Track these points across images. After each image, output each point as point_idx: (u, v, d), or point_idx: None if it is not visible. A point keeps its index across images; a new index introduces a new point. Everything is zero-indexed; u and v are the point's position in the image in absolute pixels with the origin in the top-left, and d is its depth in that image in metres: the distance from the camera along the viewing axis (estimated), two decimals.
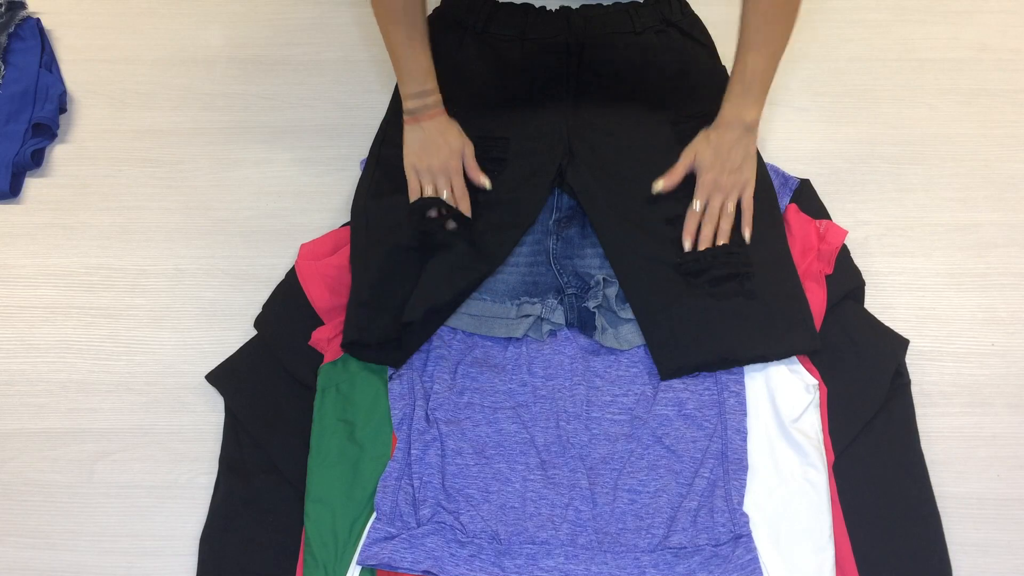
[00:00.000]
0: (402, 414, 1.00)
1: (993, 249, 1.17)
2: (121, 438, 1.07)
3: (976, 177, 1.22)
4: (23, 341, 1.14)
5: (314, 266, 1.08)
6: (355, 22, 1.39)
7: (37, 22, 1.36)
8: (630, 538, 0.93)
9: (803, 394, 0.99)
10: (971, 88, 1.30)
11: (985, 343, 1.10)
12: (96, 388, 1.10)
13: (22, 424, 1.08)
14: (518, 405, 1.00)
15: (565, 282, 1.06)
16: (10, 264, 1.19)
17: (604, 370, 1.02)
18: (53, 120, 1.28)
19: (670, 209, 1.07)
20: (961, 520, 0.99)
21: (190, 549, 0.99)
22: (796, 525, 0.93)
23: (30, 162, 1.25)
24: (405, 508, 0.95)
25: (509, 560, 0.91)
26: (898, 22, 1.37)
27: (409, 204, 1.07)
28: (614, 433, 0.99)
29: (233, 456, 1.02)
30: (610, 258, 1.05)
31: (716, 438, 0.97)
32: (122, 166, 1.27)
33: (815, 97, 1.30)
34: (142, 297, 1.16)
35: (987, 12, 1.37)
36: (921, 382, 1.06)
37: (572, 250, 1.09)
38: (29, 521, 1.02)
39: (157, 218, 1.22)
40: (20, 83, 1.29)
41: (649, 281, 1.03)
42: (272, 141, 1.28)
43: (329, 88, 1.33)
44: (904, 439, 1.00)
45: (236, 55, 1.36)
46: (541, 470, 0.97)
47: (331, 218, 1.20)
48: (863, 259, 1.12)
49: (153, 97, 1.33)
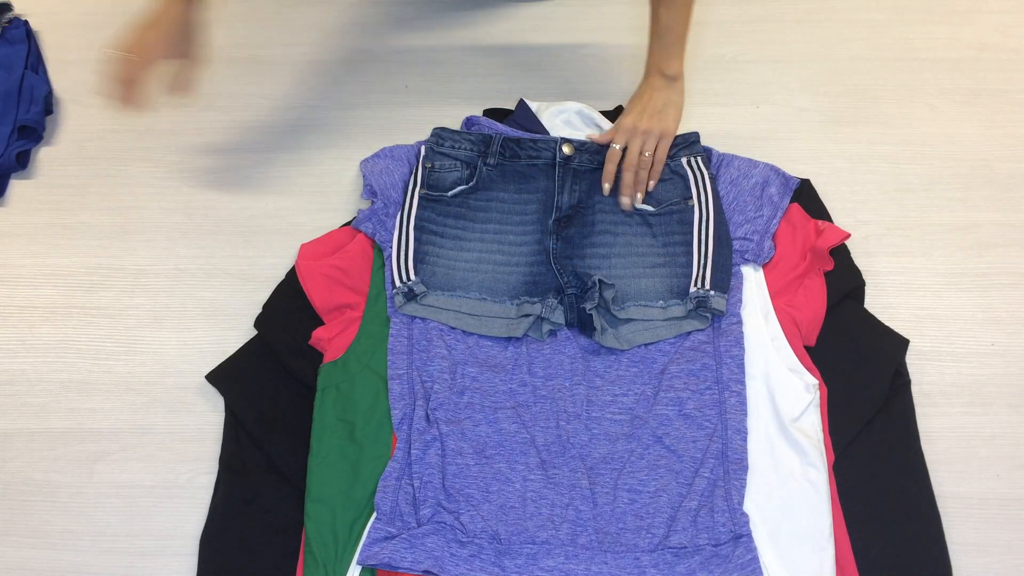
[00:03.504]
0: (402, 414, 1.00)
1: (993, 249, 1.17)
2: (121, 438, 1.07)
3: (976, 177, 1.22)
4: (23, 341, 1.14)
5: (314, 266, 1.08)
6: (355, 22, 1.39)
7: (25, 24, 1.36)
8: (630, 538, 0.93)
9: (803, 394, 0.99)
10: (971, 88, 1.30)
11: (985, 343, 1.10)
12: (96, 388, 1.10)
13: (22, 424, 1.08)
14: (518, 405, 1.00)
15: (565, 282, 1.06)
16: (10, 264, 1.19)
17: (604, 370, 1.02)
18: (39, 122, 1.28)
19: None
20: (961, 520, 0.99)
21: (190, 549, 0.99)
22: (796, 525, 0.93)
23: (15, 164, 1.24)
24: (405, 508, 0.95)
25: (509, 560, 0.91)
26: (898, 22, 1.37)
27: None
28: (614, 433, 0.99)
29: (233, 456, 1.02)
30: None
31: (716, 438, 0.97)
32: (122, 166, 1.27)
33: (815, 97, 1.30)
34: (142, 297, 1.16)
35: (987, 12, 1.37)
36: (921, 382, 1.06)
37: (572, 250, 1.09)
38: (29, 521, 1.02)
39: (157, 218, 1.22)
40: (5, 85, 1.29)
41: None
42: (272, 141, 1.28)
43: (329, 88, 1.33)
44: (904, 439, 1.00)
45: (236, 55, 1.36)
46: (541, 470, 0.97)
47: (331, 218, 1.20)
48: (863, 259, 1.12)
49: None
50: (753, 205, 1.11)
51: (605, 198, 1.13)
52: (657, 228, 1.11)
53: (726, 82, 1.32)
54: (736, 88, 1.31)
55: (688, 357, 1.02)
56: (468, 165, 1.14)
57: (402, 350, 1.03)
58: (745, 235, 1.09)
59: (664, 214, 1.11)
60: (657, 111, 1.09)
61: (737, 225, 1.10)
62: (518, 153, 1.14)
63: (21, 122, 1.26)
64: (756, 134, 1.26)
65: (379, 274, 1.09)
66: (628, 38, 1.37)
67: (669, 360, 1.03)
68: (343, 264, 1.08)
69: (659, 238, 1.10)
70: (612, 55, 1.35)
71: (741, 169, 1.14)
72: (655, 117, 1.09)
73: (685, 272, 1.07)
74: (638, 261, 1.09)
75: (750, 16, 1.38)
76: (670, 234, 1.10)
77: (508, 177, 1.14)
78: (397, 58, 1.36)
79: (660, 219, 1.11)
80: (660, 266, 1.08)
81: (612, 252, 1.10)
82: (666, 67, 1.09)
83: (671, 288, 1.07)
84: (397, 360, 1.03)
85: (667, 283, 1.07)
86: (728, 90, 1.31)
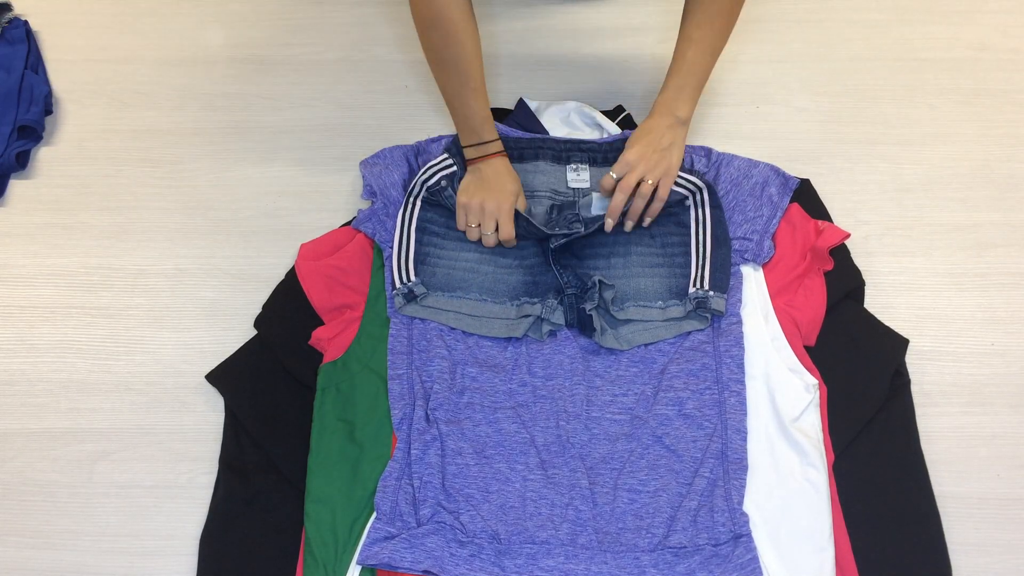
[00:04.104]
0: (402, 414, 1.00)
1: (993, 249, 1.17)
2: (121, 438, 1.07)
3: (976, 177, 1.22)
4: (23, 341, 1.14)
5: (314, 266, 1.08)
6: (355, 22, 1.39)
7: (25, 24, 1.36)
8: (630, 538, 0.93)
9: (803, 394, 0.99)
10: (971, 88, 1.30)
11: (985, 343, 1.10)
12: (96, 388, 1.10)
13: (22, 424, 1.08)
14: (518, 405, 1.00)
15: (565, 282, 1.06)
16: (10, 264, 1.19)
17: (604, 370, 1.02)
18: (39, 122, 1.28)
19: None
20: (961, 520, 0.99)
21: (190, 549, 0.99)
22: (796, 525, 0.93)
23: (15, 164, 1.24)
24: (405, 508, 0.95)
25: (509, 560, 0.91)
26: (898, 22, 1.37)
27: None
28: (614, 433, 0.99)
29: (233, 456, 1.02)
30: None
31: (716, 438, 0.97)
32: (122, 166, 1.27)
33: (815, 97, 1.30)
34: (142, 297, 1.16)
35: (987, 12, 1.37)
36: (921, 382, 1.06)
37: (572, 251, 1.09)
38: (29, 521, 1.02)
39: (157, 218, 1.22)
40: (5, 85, 1.29)
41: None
42: (272, 141, 1.28)
43: (329, 88, 1.33)
44: (904, 439, 1.00)
45: (236, 55, 1.36)
46: (541, 470, 0.97)
47: (331, 218, 1.20)
48: (863, 259, 1.12)
49: (153, 97, 1.33)
50: (753, 205, 1.11)
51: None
52: (655, 229, 1.11)
53: (726, 82, 1.32)
54: (736, 88, 1.31)
55: (688, 357, 1.02)
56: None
57: (402, 350, 1.03)
58: (744, 235, 1.09)
59: (663, 215, 1.11)
60: (664, 148, 1.06)
61: (737, 225, 1.10)
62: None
63: (21, 122, 1.26)
64: (756, 134, 1.26)
65: (379, 274, 1.09)
66: (629, 38, 1.37)
67: (669, 360, 1.03)
68: (343, 264, 1.08)
69: (657, 239, 1.10)
70: (612, 55, 1.35)
71: (741, 169, 1.14)
72: (661, 154, 1.06)
73: (684, 273, 1.07)
74: (637, 261, 1.09)
75: (750, 16, 1.38)
76: (668, 235, 1.10)
77: None
78: (397, 58, 1.36)
79: (659, 220, 1.11)
80: (659, 267, 1.08)
81: (612, 253, 1.10)
82: (678, 109, 1.06)
83: (670, 289, 1.07)
84: (397, 360, 1.03)
85: (666, 284, 1.07)
86: (728, 90, 1.31)
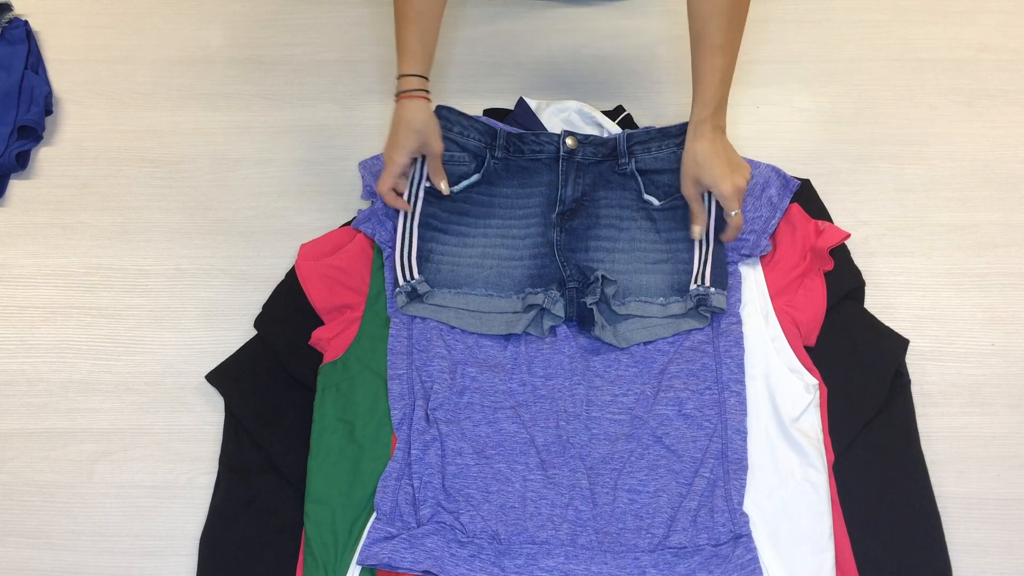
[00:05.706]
0: (402, 414, 1.00)
1: (993, 249, 1.17)
2: (121, 438, 1.07)
3: (976, 177, 1.22)
4: (23, 341, 1.14)
5: (314, 266, 1.08)
6: (355, 22, 1.39)
7: (25, 24, 1.36)
8: (630, 538, 0.93)
9: (803, 394, 0.99)
10: (971, 88, 1.30)
11: (985, 343, 1.10)
12: (96, 388, 1.10)
13: (22, 424, 1.08)
14: (518, 405, 1.00)
15: (568, 275, 1.06)
16: (10, 264, 1.19)
17: (604, 369, 1.02)
18: (39, 122, 1.27)
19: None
20: (961, 520, 0.99)
21: (190, 549, 0.99)
22: (796, 525, 0.93)
23: (15, 164, 1.24)
24: (405, 508, 0.95)
25: (509, 560, 0.91)
26: (898, 22, 1.37)
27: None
28: (614, 433, 0.99)
29: (233, 456, 1.02)
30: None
31: (716, 438, 0.97)
32: (122, 166, 1.27)
33: (815, 97, 1.30)
34: (142, 297, 1.16)
35: (987, 12, 1.37)
36: (921, 382, 1.06)
37: (576, 243, 1.09)
38: (29, 521, 1.02)
39: (157, 218, 1.22)
40: (5, 85, 1.29)
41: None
42: (272, 141, 1.28)
43: (329, 88, 1.33)
44: (904, 439, 1.00)
45: (236, 55, 1.36)
46: (541, 470, 0.97)
47: (331, 218, 1.20)
48: (863, 259, 1.12)
49: (153, 97, 1.33)
50: (752, 205, 1.11)
51: (609, 192, 1.12)
52: (661, 224, 1.11)
53: None
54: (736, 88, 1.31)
55: (688, 357, 1.02)
56: (476, 156, 1.14)
57: (402, 350, 1.03)
58: (742, 234, 1.09)
59: (668, 209, 1.10)
60: (739, 164, 1.06)
61: None
62: (521, 148, 1.13)
63: (21, 122, 1.26)
64: (756, 134, 1.26)
65: (379, 274, 1.09)
66: (629, 39, 1.37)
67: (669, 360, 1.03)
68: (343, 264, 1.08)
69: (663, 233, 1.10)
70: (613, 55, 1.35)
71: None
72: (742, 169, 1.06)
73: (687, 269, 1.07)
74: (641, 256, 1.09)
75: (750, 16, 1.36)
76: (673, 230, 1.10)
77: (512, 172, 1.14)
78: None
79: (664, 214, 1.11)
80: (663, 262, 1.08)
81: (616, 247, 1.09)
82: (721, 120, 1.06)
83: (672, 284, 1.07)
84: (397, 360, 1.03)
85: (669, 279, 1.07)
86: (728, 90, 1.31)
